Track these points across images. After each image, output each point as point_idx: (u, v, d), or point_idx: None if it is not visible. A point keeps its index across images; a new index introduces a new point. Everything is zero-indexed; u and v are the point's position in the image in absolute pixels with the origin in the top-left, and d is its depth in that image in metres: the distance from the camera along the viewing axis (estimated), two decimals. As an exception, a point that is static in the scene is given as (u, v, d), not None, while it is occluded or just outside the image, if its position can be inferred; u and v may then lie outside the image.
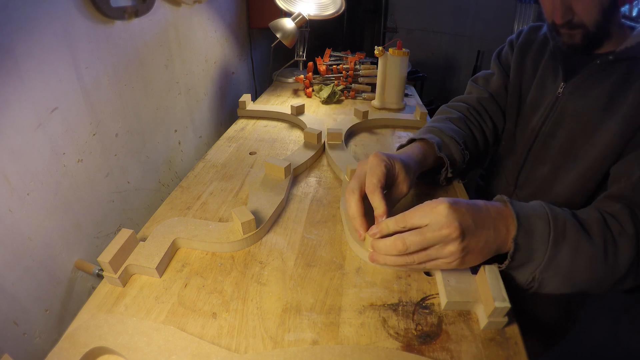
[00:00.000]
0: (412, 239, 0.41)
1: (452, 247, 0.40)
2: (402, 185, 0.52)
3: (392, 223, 0.43)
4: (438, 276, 0.45)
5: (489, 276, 0.41)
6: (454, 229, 0.39)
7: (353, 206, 0.49)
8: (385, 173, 0.49)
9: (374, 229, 0.45)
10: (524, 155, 0.69)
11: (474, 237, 0.40)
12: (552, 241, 0.41)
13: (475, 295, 0.42)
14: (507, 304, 0.38)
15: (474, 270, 0.45)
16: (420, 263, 0.42)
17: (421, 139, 0.63)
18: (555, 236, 0.41)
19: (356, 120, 0.90)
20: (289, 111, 0.94)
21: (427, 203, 0.42)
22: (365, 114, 0.90)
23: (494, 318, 0.39)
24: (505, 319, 0.39)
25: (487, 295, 0.39)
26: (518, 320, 0.41)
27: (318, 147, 0.76)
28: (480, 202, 0.43)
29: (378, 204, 0.47)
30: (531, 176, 0.68)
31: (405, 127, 0.93)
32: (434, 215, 0.40)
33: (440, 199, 0.41)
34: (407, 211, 0.43)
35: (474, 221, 0.40)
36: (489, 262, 0.43)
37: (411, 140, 0.64)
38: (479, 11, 2.03)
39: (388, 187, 0.51)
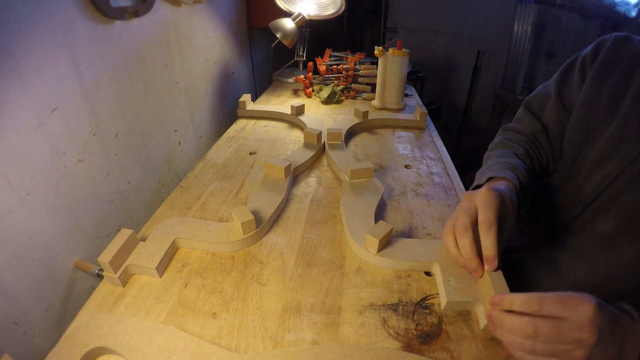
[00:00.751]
0: (544, 330, 0.34)
1: (581, 354, 0.34)
2: (511, 219, 0.47)
3: (520, 301, 0.36)
4: (438, 276, 0.45)
5: (492, 275, 0.41)
6: (593, 335, 0.33)
7: (468, 246, 0.43)
8: (500, 207, 0.44)
9: (495, 299, 0.38)
10: (585, 204, 0.55)
11: (602, 349, 0.34)
12: None
13: (476, 295, 0.42)
14: None
15: None
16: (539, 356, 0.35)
17: (502, 177, 0.54)
18: None
19: (356, 120, 0.90)
20: (289, 111, 0.94)
21: (570, 295, 0.35)
22: (365, 114, 0.90)
23: None
24: None
25: (490, 295, 0.39)
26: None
27: (318, 147, 0.76)
28: (616, 310, 0.37)
29: (492, 245, 0.42)
30: (588, 228, 0.55)
31: (405, 127, 0.93)
32: (578, 313, 0.34)
33: (587, 295, 0.35)
34: (542, 294, 0.36)
35: (610, 331, 0.34)
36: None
37: (489, 178, 0.55)
38: (479, 11, 2.03)
39: (500, 222, 0.45)
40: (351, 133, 0.89)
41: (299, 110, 0.92)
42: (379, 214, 0.59)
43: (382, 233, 0.47)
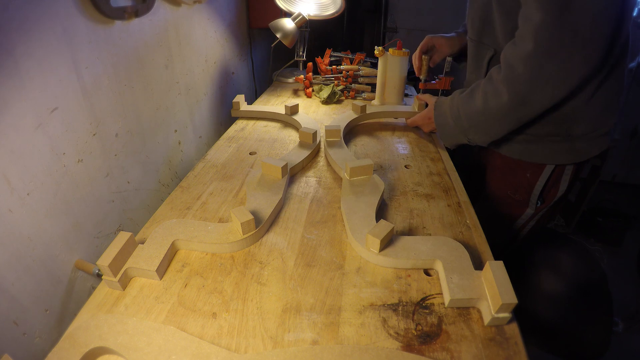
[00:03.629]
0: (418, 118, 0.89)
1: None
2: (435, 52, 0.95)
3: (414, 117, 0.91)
4: (441, 273, 0.45)
5: (495, 272, 0.40)
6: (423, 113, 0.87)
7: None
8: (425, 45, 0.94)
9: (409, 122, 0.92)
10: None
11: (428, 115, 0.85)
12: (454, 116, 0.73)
13: (479, 292, 0.42)
14: (514, 300, 0.38)
15: (479, 266, 0.45)
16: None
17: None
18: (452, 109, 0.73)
19: (354, 115, 0.90)
20: (283, 111, 0.94)
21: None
22: (363, 108, 0.91)
23: (500, 314, 0.39)
24: (510, 315, 0.39)
25: (494, 291, 0.39)
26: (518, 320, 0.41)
27: (314, 147, 0.76)
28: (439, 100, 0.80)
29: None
30: None
31: (405, 130, 0.93)
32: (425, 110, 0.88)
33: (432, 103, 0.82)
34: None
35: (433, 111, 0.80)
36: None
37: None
38: (479, 11, 2.03)
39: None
40: (351, 133, 0.89)
41: (293, 110, 0.92)
42: (379, 214, 0.59)
43: (383, 233, 0.47)
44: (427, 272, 0.48)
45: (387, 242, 0.49)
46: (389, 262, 0.48)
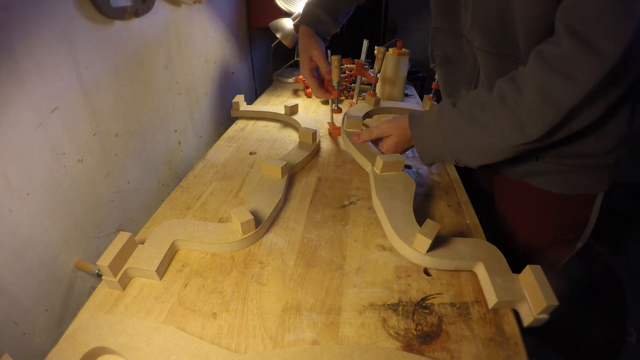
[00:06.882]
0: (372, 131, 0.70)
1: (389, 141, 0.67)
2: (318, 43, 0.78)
3: (370, 133, 0.70)
4: (484, 275, 0.45)
5: (536, 275, 0.42)
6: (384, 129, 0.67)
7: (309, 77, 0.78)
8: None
9: (356, 137, 0.73)
10: None
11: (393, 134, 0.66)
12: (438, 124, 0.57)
13: (520, 294, 0.42)
14: (556, 302, 0.39)
15: (517, 270, 0.45)
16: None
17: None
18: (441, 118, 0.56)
19: (369, 107, 0.91)
20: (283, 111, 0.94)
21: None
22: (377, 101, 0.93)
23: (542, 315, 0.40)
24: (548, 316, 0.40)
25: (536, 293, 0.40)
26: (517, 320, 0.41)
27: (314, 147, 0.76)
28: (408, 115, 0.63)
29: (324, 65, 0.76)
30: None
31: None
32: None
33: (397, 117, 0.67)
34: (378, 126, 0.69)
35: (396, 127, 0.66)
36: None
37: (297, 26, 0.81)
38: (479, 11, 2.03)
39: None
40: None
41: (293, 110, 0.92)
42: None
43: (433, 233, 0.47)
44: (427, 272, 0.48)
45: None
46: (433, 262, 0.47)
